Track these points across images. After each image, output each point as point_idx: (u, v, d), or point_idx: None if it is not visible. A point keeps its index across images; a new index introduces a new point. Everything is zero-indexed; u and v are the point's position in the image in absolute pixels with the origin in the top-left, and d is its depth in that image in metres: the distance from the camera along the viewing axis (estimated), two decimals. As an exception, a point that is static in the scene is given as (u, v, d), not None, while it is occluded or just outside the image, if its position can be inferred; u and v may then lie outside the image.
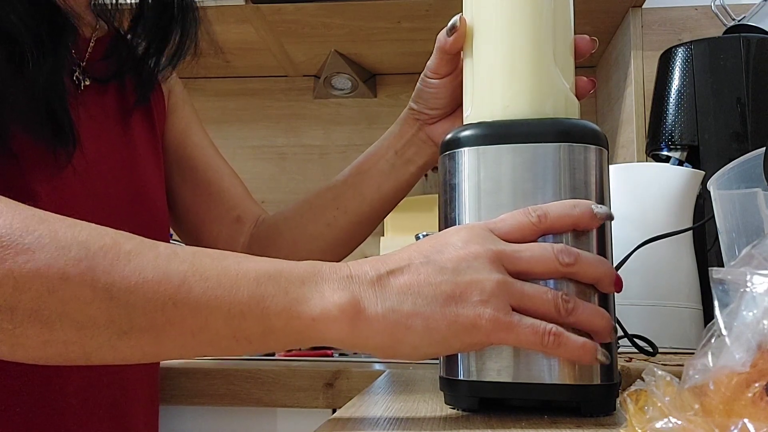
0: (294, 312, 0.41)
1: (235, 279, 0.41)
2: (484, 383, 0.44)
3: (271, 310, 0.41)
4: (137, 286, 0.40)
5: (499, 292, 0.41)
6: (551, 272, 0.43)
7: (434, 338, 0.41)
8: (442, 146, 0.50)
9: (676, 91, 1.19)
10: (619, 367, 0.62)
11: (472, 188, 0.47)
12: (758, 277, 0.30)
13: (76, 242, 0.40)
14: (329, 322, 0.41)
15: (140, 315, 0.40)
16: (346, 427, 0.40)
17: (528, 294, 0.42)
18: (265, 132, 1.80)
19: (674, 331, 1.01)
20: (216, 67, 1.73)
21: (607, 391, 0.44)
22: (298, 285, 0.42)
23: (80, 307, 0.39)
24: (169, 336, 0.41)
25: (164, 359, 0.42)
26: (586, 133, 0.46)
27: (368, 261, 0.44)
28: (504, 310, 0.41)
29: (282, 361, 1.01)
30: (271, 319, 0.41)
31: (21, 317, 0.39)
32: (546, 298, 0.42)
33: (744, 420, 0.25)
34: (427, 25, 1.47)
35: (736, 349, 0.29)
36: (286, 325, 0.41)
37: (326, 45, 1.61)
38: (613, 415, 0.45)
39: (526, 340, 0.42)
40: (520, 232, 0.44)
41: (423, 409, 0.47)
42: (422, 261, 0.42)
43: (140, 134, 0.75)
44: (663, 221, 1.03)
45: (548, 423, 0.41)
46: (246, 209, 0.84)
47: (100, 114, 0.70)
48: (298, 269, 0.43)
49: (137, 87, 0.74)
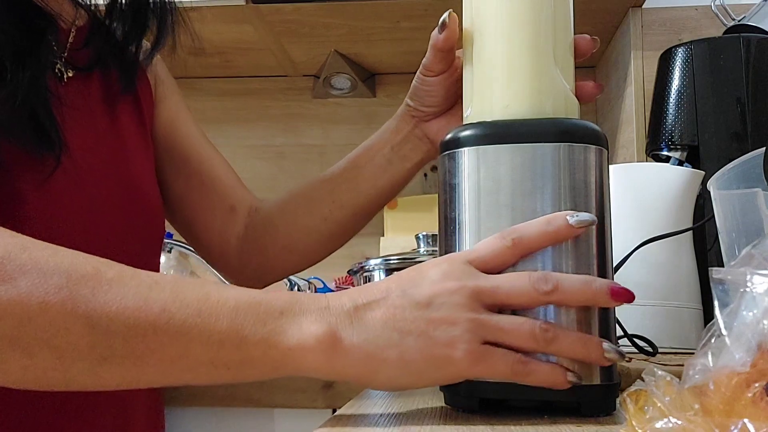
0: (271, 342, 0.42)
1: (215, 308, 0.42)
2: (485, 383, 0.44)
3: (249, 340, 0.42)
4: (117, 313, 0.41)
5: (473, 329, 0.42)
6: (531, 302, 0.43)
7: (410, 370, 0.42)
8: (442, 146, 0.50)
9: (676, 91, 1.19)
10: (619, 367, 0.62)
11: (471, 188, 0.47)
12: (758, 277, 0.30)
13: (57, 270, 0.41)
14: (306, 352, 0.42)
15: (120, 342, 0.41)
16: (347, 427, 0.40)
17: (504, 329, 0.43)
18: (264, 131, 1.80)
19: (674, 331, 1.00)
20: (216, 67, 1.73)
21: (606, 390, 0.44)
22: (277, 316, 0.43)
23: (60, 335, 0.40)
24: (148, 363, 0.42)
25: (144, 386, 0.43)
26: (586, 133, 0.46)
27: (347, 293, 0.44)
28: (475, 343, 0.42)
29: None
30: (249, 348, 0.42)
31: (1, 343, 0.40)
32: (522, 331, 0.42)
33: (744, 420, 0.25)
34: (427, 24, 1.47)
35: (736, 349, 0.29)
36: (263, 354, 0.42)
37: (326, 45, 1.61)
38: (613, 415, 0.45)
39: (497, 371, 0.43)
40: (498, 259, 0.44)
41: (423, 410, 0.47)
42: (398, 294, 0.43)
43: (129, 124, 0.74)
44: (663, 221, 1.03)
45: (548, 423, 0.42)
46: (239, 198, 0.84)
47: (86, 105, 0.69)
48: (278, 301, 0.43)
49: (121, 74, 0.73)
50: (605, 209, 0.47)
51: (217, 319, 0.42)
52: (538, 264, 0.45)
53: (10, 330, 0.40)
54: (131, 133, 0.74)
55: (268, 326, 0.42)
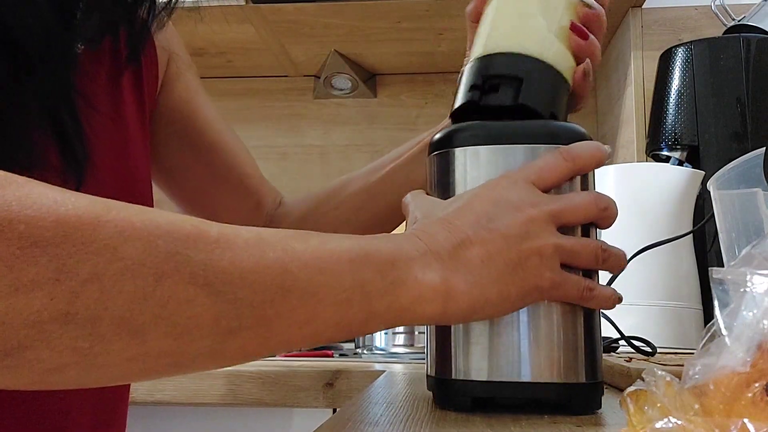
0: (394, 296, 0.40)
1: (334, 264, 0.38)
2: (475, 382, 0.45)
3: (374, 296, 0.39)
4: (240, 277, 0.35)
5: (555, 254, 0.44)
6: (591, 218, 0.46)
7: (505, 305, 0.43)
8: (432, 146, 0.50)
9: (676, 91, 1.19)
10: (619, 367, 0.62)
11: (461, 189, 0.47)
12: (758, 277, 0.30)
13: (158, 231, 0.34)
14: (425, 303, 0.41)
15: (248, 310, 0.35)
16: (347, 427, 0.40)
17: (576, 251, 0.45)
18: (265, 132, 1.80)
19: (674, 331, 1.01)
20: (216, 67, 1.73)
21: (592, 389, 0.46)
22: (390, 266, 0.40)
23: (182, 309, 0.34)
24: (276, 331, 0.37)
25: (263, 357, 0.39)
26: (574, 135, 0.48)
27: (435, 229, 0.43)
28: (558, 270, 0.44)
29: (282, 361, 1.01)
30: (374, 304, 0.39)
31: (105, 329, 0.32)
32: (589, 251, 0.45)
33: (744, 420, 0.25)
34: (427, 25, 1.47)
35: (736, 349, 0.29)
36: (387, 309, 0.40)
37: (326, 45, 1.61)
38: (611, 414, 0.45)
39: (568, 295, 0.45)
40: (558, 179, 0.46)
41: (423, 409, 0.47)
42: (486, 228, 0.43)
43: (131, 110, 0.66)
44: (663, 221, 1.03)
45: (548, 423, 0.42)
46: (265, 193, 0.80)
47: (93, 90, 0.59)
48: (383, 247, 0.41)
49: (129, 40, 0.64)
50: None
51: (340, 275, 0.38)
52: None
53: (120, 310, 0.32)
54: (132, 121, 0.66)
55: (387, 278, 0.40)
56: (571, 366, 0.45)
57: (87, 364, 0.33)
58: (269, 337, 0.37)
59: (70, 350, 0.32)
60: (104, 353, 0.32)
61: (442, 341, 0.47)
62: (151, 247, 0.33)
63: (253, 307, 0.36)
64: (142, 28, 0.65)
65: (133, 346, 0.33)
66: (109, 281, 0.32)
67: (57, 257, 0.31)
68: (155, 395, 0.89)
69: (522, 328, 0.45)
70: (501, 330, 0.45)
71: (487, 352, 0.45)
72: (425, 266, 0.41)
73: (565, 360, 0.45)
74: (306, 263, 0.37)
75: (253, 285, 0.35)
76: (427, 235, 0.43)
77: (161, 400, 0.89)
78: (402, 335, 1.17)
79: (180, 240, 0.34)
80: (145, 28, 0.65)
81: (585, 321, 0.46)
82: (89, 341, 0.32)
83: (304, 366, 0.91)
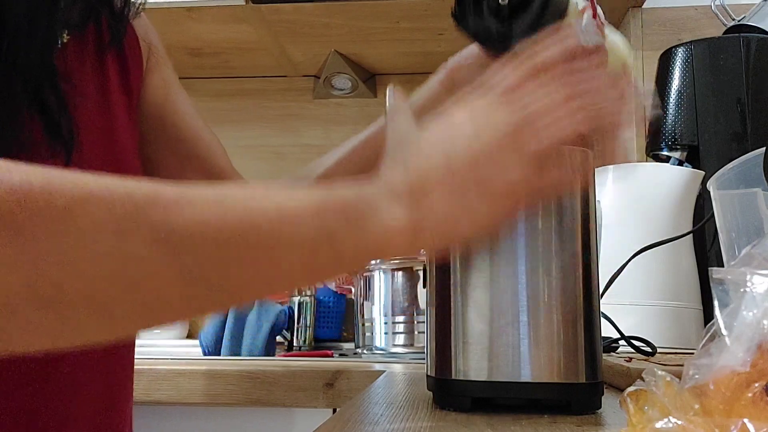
0: (360, 238, 0.41)
1: (298, 214, 0.39)
2: (475, 383, 0.45)
3: (340, 240, 0.40)
4: (202, 233, 0.36)
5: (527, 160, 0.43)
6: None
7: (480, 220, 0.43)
8: None
9: (676, 91, 1.19)
10: (619, 367, 0.62)
11: None
12: (758, 277, 0.30)
13: (117, 193, 0.34)
14: (392, 239, 0.41)
15: (211, 264, 0.36)
16: (347, 427, 0.40)
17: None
18: (264, 132, 1.80)
19: (674, 331, 1.01)
20: (215, 68, 1.73)
21: (592, 389, 0.46)
22: (353, 210, 0.41)
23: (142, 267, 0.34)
24: (243, 283, 0.38)
25: (233, 307, 0.41)
26: None
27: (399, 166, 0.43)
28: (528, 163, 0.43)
29: (282, 361, 1.01)
30: (341, 248, 0.40)
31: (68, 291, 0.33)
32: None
33: (744, 420, 0.25)
34: (427, 25, 1.47)
35: (736, 349, 0.29)
36: (355, 251, 0.41)
37: (326, 45, 1.61)
38: (611, 414, 0.45)
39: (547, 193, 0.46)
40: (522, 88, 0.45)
41: (423, 409, 0.47)
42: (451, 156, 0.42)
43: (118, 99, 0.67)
44: (663, 221, 1.03)
45: (548, 423, 0.42)
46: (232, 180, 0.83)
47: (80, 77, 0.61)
48: (346, 193, 0.41)
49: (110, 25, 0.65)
50: (590, 209, 0.48)
51: (305, 224, 0.39)
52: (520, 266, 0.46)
53: (82, 274, 0.33)
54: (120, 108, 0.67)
55: (352, 221, 0.40)
56: (571, 366, 0.45)
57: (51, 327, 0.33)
58: (237, 289, 0.38)
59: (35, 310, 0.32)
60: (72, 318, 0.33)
61: (442, 341, 0.47)
62: (109, 209, 0.33)
63: (217, 261, 0.36)
64: (121, 13, 0.67)
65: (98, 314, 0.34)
66: (69, 246, 0.32)
67: (13, 224, 0.31)
68: (153, 395, 0.89)
69: (522, 328, 0.45)
70: (501, 330, 0.45)
71: (487, 352, 0.45)
72: (390, 204, 0.41)
73: (565, 360, 0.45)
74: (269, 215, 0.38)
75: (216, 240, 0.36)
76: (391, 172, 0.43)
77: (159, 400, 0.89)
78: (402, 335, 1.17)
79: (139, 200, 0.34)
80: (123, 15, 0.67)
81: (585, 321, 0.46)
82: (54, 308, 0.32)
83: (304, 366, 0.91)
